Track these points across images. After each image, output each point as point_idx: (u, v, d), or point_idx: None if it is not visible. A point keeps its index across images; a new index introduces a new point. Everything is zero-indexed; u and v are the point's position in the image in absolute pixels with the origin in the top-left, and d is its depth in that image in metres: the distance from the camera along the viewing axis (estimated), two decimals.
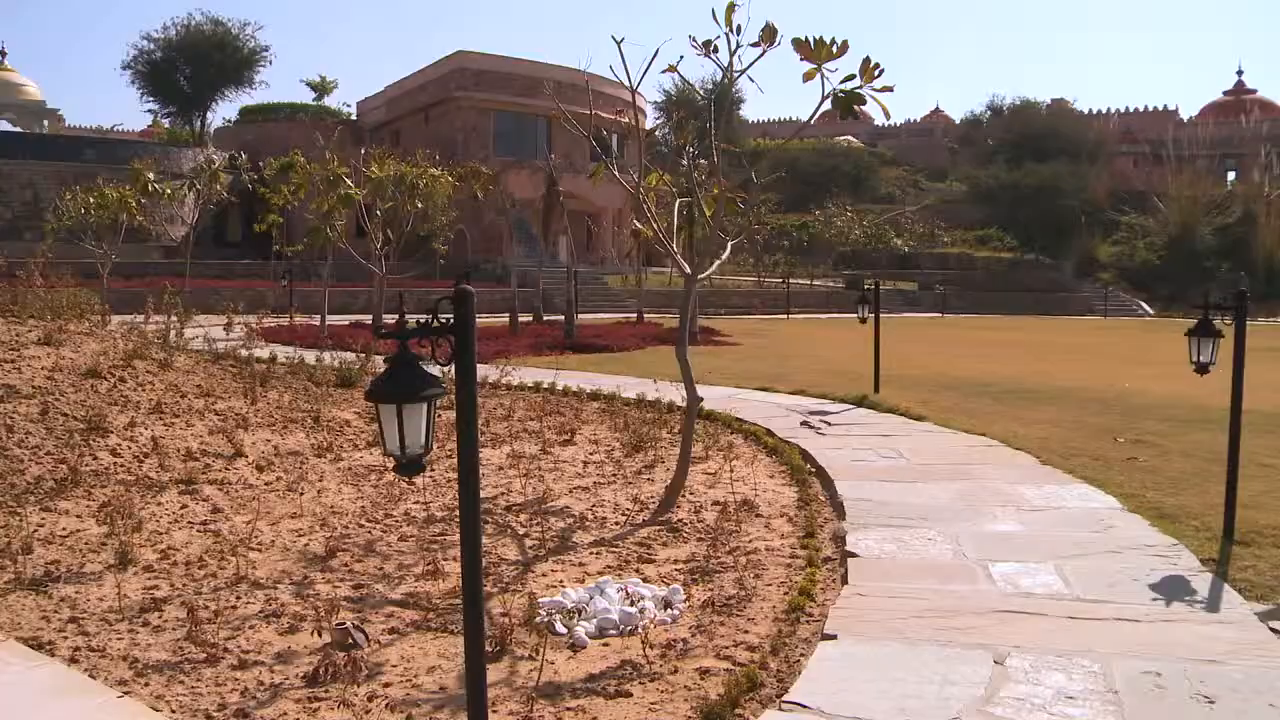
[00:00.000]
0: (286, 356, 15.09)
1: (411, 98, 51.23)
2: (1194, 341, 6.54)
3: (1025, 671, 4.36)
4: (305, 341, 18.65)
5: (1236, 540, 6.39)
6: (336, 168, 19.28)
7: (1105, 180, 67.78)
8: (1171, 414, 11.86)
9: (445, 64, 48.61)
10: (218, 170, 29.79)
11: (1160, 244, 60.00)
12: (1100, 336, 31.63)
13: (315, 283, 27.21)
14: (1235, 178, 72.90)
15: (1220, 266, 54.59)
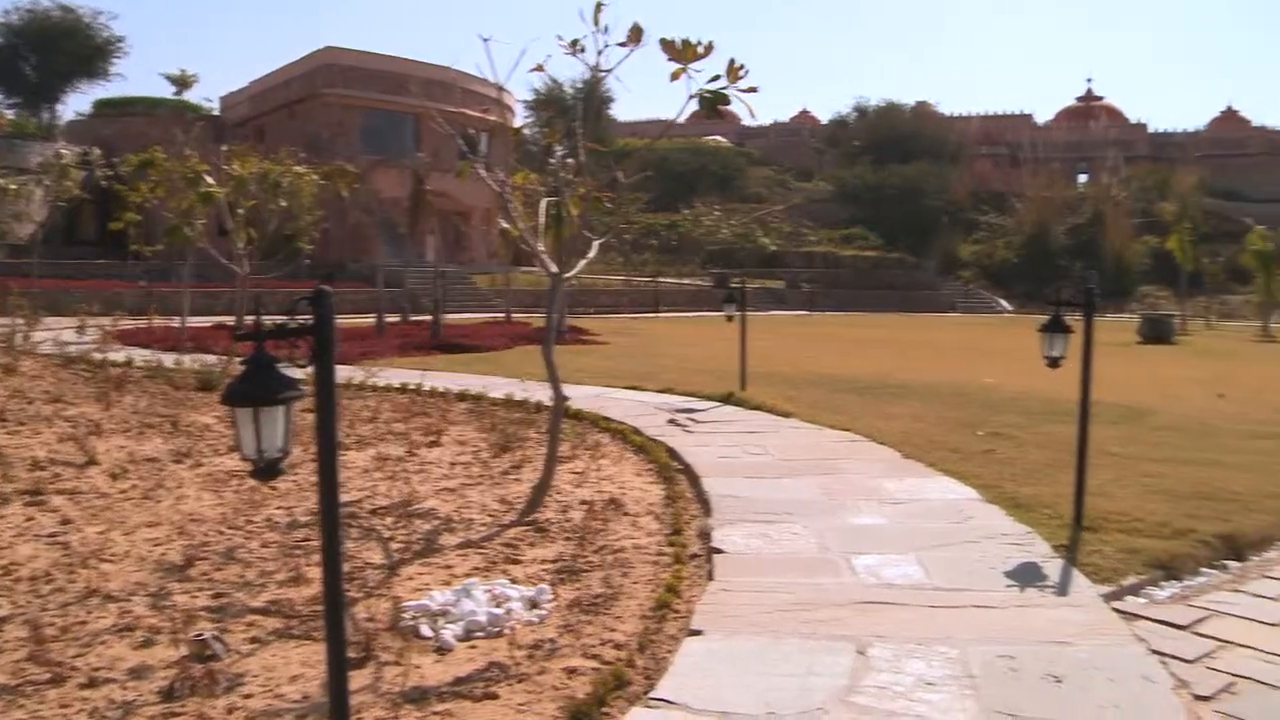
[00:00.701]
0: (144, 360, 14.65)
1: (277, 94, 50.16)
2: (1046, 337, 6.77)
3: (887, 660, 4.46)
4: (165, 344, 18.09)
5: (1085, 527, 6.64)
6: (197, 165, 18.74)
7: (966, 181, 69.80)
8: (1027, 407, 12.25)
9: (311, 60, 47.72)
10: (68, 166, 28.75)
11: (1018, 243, 61.96)
12: (961, 333, 32.53)
13: (175, 283, 26.49)
14: (1086, 180, 75.53)
15: (1073, 264, 56.55)
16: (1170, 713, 4.07)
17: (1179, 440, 10.40)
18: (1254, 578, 6.05)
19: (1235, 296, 53.33)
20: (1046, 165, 71.93)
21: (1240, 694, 4.33)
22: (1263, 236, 41.46)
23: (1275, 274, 41.23)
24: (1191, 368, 20.93)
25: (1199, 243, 46.26)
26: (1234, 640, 4.94)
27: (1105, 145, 78.81)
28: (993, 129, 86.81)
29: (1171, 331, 31.65)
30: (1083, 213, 63.48)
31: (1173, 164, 74.10)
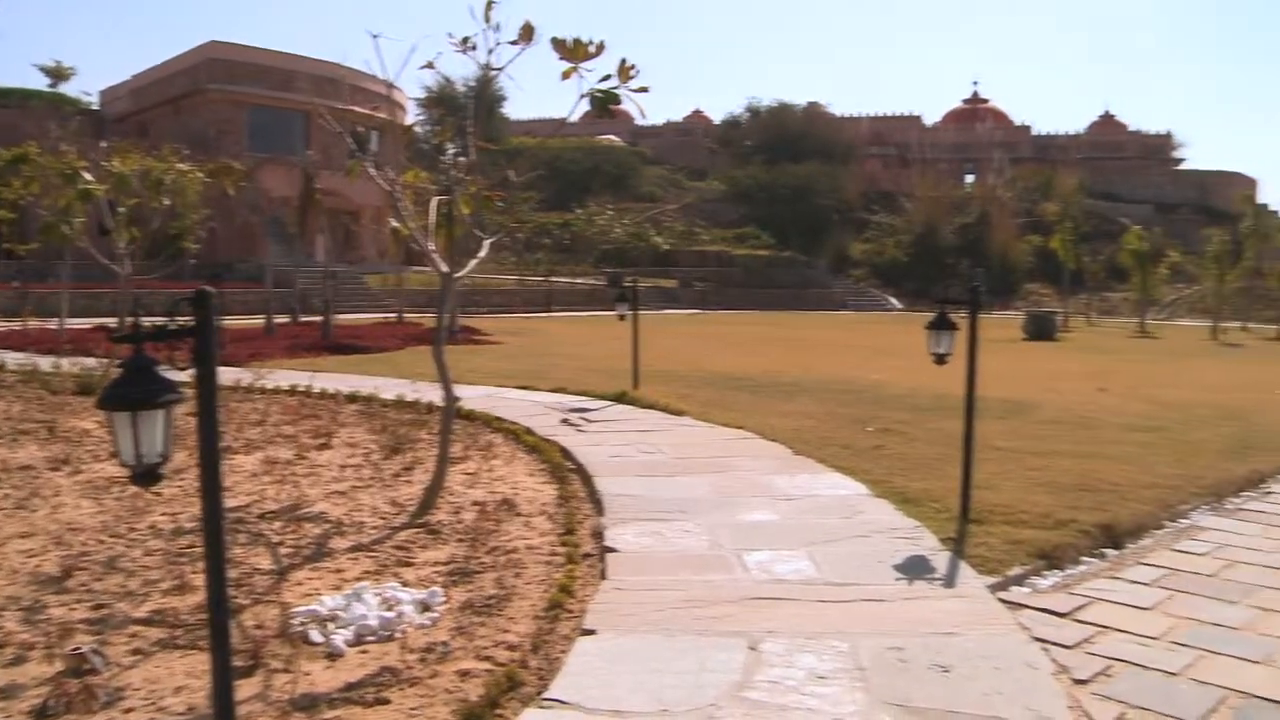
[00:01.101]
0: (18, 363, 14.21)
1: (160, 89, 48.75)
2: (932, 335, 6.90)
3: (779, 655, 4.50)
4: (41, 347, 17.56)
5: (972, 519, 6.80)
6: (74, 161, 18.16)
7: (857, 181, 70.84)
8: (916, 403, 12.49)
9: (196, 54, 46.48)
10: None
11: (907, 242, 63.01)
12: (852, 330, 33.00)
13: (53, 284, 25.70)
14: (973, 180, 77.17)
15: (961, 263, 57.71)
16: (1050, 697, 4.18)
17: (1061, 434, 10.69)
18: (1130, 565, 6.25)
19: (1114, 294, 54.97)
20: (935, 166, 73.44)
21: (1115, 676, 4.48)
22: (1139, 236, 42.79)
23: (1151, 272, 42.63)
24: (1073, 363, 21.53)
25: (1080, 242, 47.53)
26: (1111, 625, 5.10)
27: (991, 147, 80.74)
28: (883, 130, 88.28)
29: (1054, 328, 32.50)
30: (970, 212, 64.85)
31: (1055, 165, 76.04)
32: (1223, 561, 6.35)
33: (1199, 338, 35.10)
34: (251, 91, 45.32)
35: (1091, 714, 4.09)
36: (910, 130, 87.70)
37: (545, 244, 54.04)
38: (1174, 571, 6.10)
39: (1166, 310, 54.21)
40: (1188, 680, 4.46)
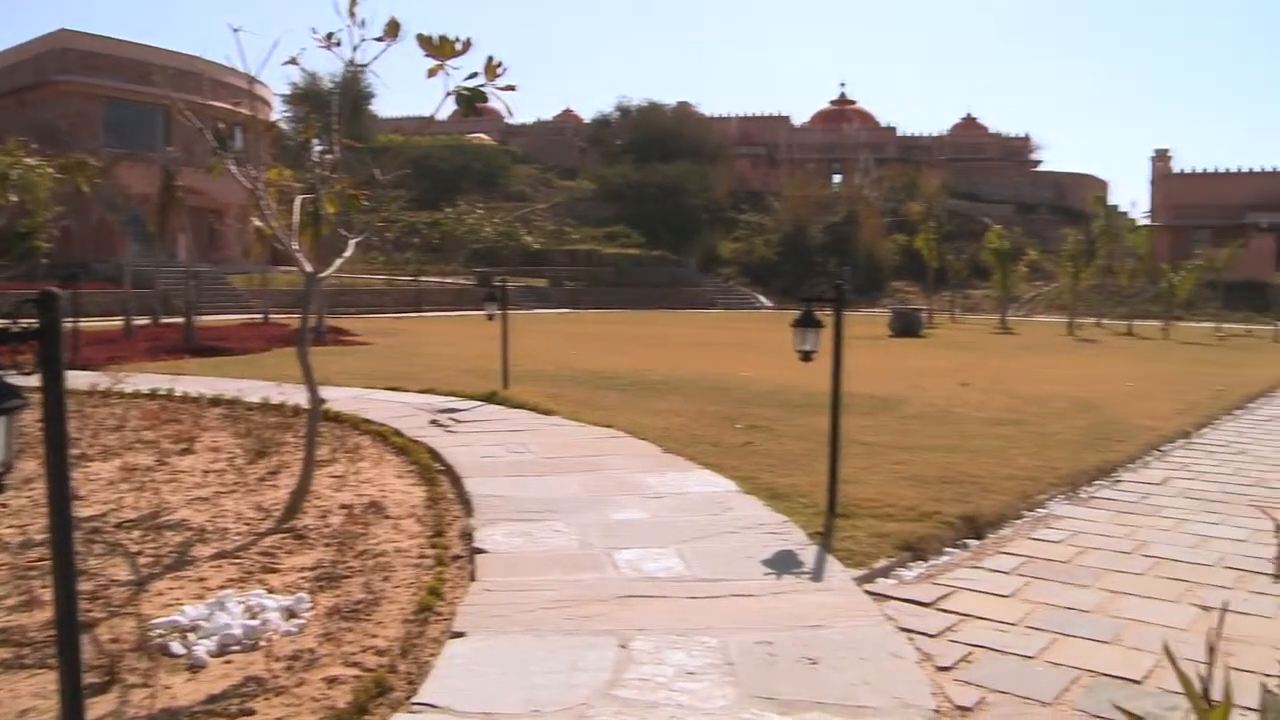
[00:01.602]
0: None
1: (3, 78, 46.69)
2: (798, 332, 7.00)
3: (649, 653, 4.51)
4: None
5: (839, 514, 6.91)
6: None
7: (726, 180, 71.44)
8: (784, 399, 12.66)
9: (44, 43, 44.44)
10: None
11: (776, 241, 63.83)
12: (722, 329, 33.31)
13: None
14: (840, 180, 78.50)
15: (829, 261, 58.69)
16: (915, 684, 4.27)
17: (926, 428, 10.95)
18: (991, 554, 6.43)
19: (977, 291, 56.47)
20: (803, 166, 74.64)
21: (976, 662, 4.61)
22: (999, 235, 44.02)
23: (1011, 270, 43.89)
24: (937, 359, 22.06)
25: (944, 241, 48.74)
26: (972, 613, 5.24)
27: (858, 147, 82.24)
28: (752, 130, 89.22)
29: (919, 325, 33.27)
30: (837, 212, 65.99)
31: (920, 166, 77.80)
32: (1077, 548, 6.58)
33: (1056, 333, 36.28)
34: (107, 84, 43.71)
35: (953, 699, 4.19)
36: (779, 130, 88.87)
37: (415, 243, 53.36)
38: (1031, 559, 6.30)
39: (1026, 307, 55.95)
40: (1044, 663, 4.61)
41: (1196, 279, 43.65)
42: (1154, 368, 21.49)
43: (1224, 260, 44.97)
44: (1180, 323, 42.47)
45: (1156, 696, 4.24)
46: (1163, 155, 71.56)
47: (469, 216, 59.02)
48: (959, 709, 4.12)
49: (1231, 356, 26.25)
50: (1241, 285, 52.22)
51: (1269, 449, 10.89)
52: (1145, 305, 48.70)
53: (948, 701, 4.18)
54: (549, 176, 78.50)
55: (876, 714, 3.99)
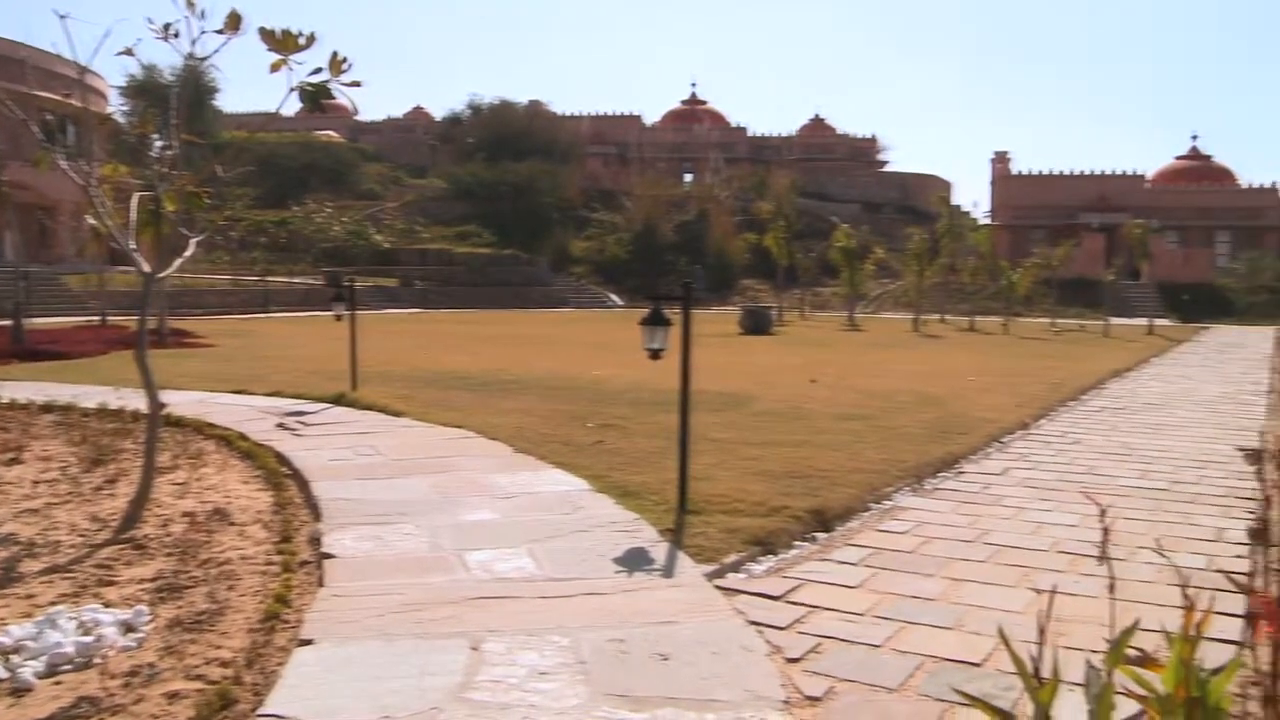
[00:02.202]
0: None
1: None
2: (647, 330, 7.03)
3: (500, 654, 4.48)
4: None
5: (690, 510, 6.97)
6: None
7: (578, 179, 71.38)
8: (636, 398, 12.72)
9: None
10: None
11: (628, 239, 63.94)
12: (574, 327, 33.31)
13: None
14: (691, 179, 79.11)
15: (680, 260, 59.11)
16: (765, 677, 4.33)
17: (775, 424, 11.11)
18: (839, 546, 6.55)
19: (826, 289, 57.50)
20: (654, 165, 74.99)
21: (825, 653, 4.69)
22: (847, 234, 44.89)
23: (858, 268, 44.81)
24: (787, 356, 22.42)
25: (793, 239, 49.45)
26: (821, 605, 5.34)
27: (708, 147, 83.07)
28: (603, 129, 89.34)
29: (770, 322, 33.76)
30: (689, 211, 66.45)
31: (769, 166, 78.77)
32: (921, 538, 6.76)
33: (902, 329, 37.20)
34: None
35: (803, 690, 4.26)
36: (630, 130, 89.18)
37: (261, 243, 52.14)
38: (878, 550, 6.44)
39: (873, 304, 57.20)
40: (890, 650, 4.72)
41: (1034, 276, 45.27)
42: (995, 362, 22.20)
43: (1059, 258, 46.68)
44: (1019, 318, 43.99)
45: (995, 678, 4.38)
46: (1002, 157, 74.01)
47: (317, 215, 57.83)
48: (808, 699, 4.18)
49: (1066, 350, 27.28)
50: (1074, 282, 54.29)
51: (1100, 438, 11.35)
52: (986, 302, 50.30)
53: (797, 692, 4.24)
54: (399, 175, 77.30)
55: (728, 707, 4.03)
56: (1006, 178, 72.46)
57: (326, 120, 77.83)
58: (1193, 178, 72.11)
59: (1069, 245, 49.56)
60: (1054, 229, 65.85)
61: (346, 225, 57.26)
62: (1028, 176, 71.98)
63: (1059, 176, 71.15)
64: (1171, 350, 28.35)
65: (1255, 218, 68.91)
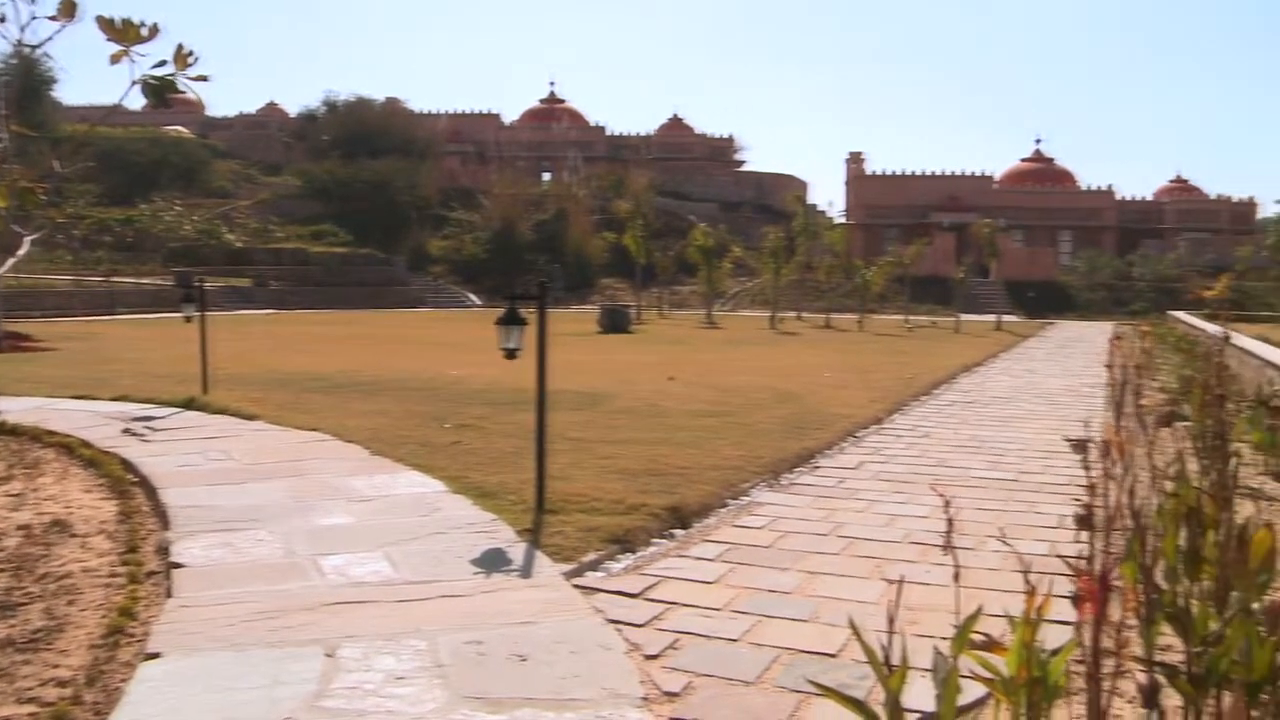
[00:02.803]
0: None
1: None
2: (502, 330, 7.00)
3: (357, 660, 4.41)
4: None
5: (548, 510, 6.95)
6: None
7: (436, 178, 70.57)
8: (494, 398, 12.64)
9: None
10: None
11: (486, 239, 63.46)
12: (431, 327, 32.97)
13: None
14: (550, 178, 78.97)
15: (539, 259, 58.94)
16: (623, 674, 4.35)
17: (633, 422, 11.15)
18: (697, 543, 6.61)
19: (684, 287, 57.93)
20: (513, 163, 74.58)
21: (683, 649, 4.72)
22: (704, 233, 45.33)
23: (716, 267, 45.29)
24: (645, 354, 22.50)
25: (652, 238, 49.68)
26: (679, 601, 5.37)
27: (567, 146, 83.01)
28: (461, 127, 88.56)
29: (628, 321, 33.86)
30: (547, 210, 66.22)
31: (628, 165, 78.94)
32: (778, 533, 6.86)
33: (759, 327, 37.68)
34: None
35: (661, 686, 4.28)
36: (488, 128, 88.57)
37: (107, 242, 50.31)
38: (735, 546, 6.52)
39: (731, 302, 57.82)
40: (747, 644, 4.78)
41: (887, 274, 46.35)
42: (850, 358, 22.65)
43: (911, 256, 47.85)
44: (874, 315, 44.95)
45: (850, 668, 4.47)
46: (856, 158, 75.57)
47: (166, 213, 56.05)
48: (666, 695, 4.20)
49: (919, 346, 27.99)
50: (927, 280, 55.71)
51: (950, 431, 11.67)
52: (842, 299, 51.25)
53: (656, 688, 4.26)
54: (252, 172, 75.35)
55: (586, 705, 4.03)
56: (861, 178, 74.02)
57: (175, 115, 75.62)
58: (1037, 179, 74.80)
59: (921, 244, 50.89)
60: (907, 228, 67.58)
61: (197, 224, 55.66)
62: (881, 177, 73.66)
63: (912, 177, 72.99)
64: (1018, 345, 29.32)
65: (1094, 218, 71.91)
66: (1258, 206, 75.73)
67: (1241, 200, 75.68)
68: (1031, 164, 77.85)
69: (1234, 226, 73.03)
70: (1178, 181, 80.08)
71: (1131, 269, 63.28)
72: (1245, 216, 74.88)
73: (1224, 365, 4.98)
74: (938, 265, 58.73)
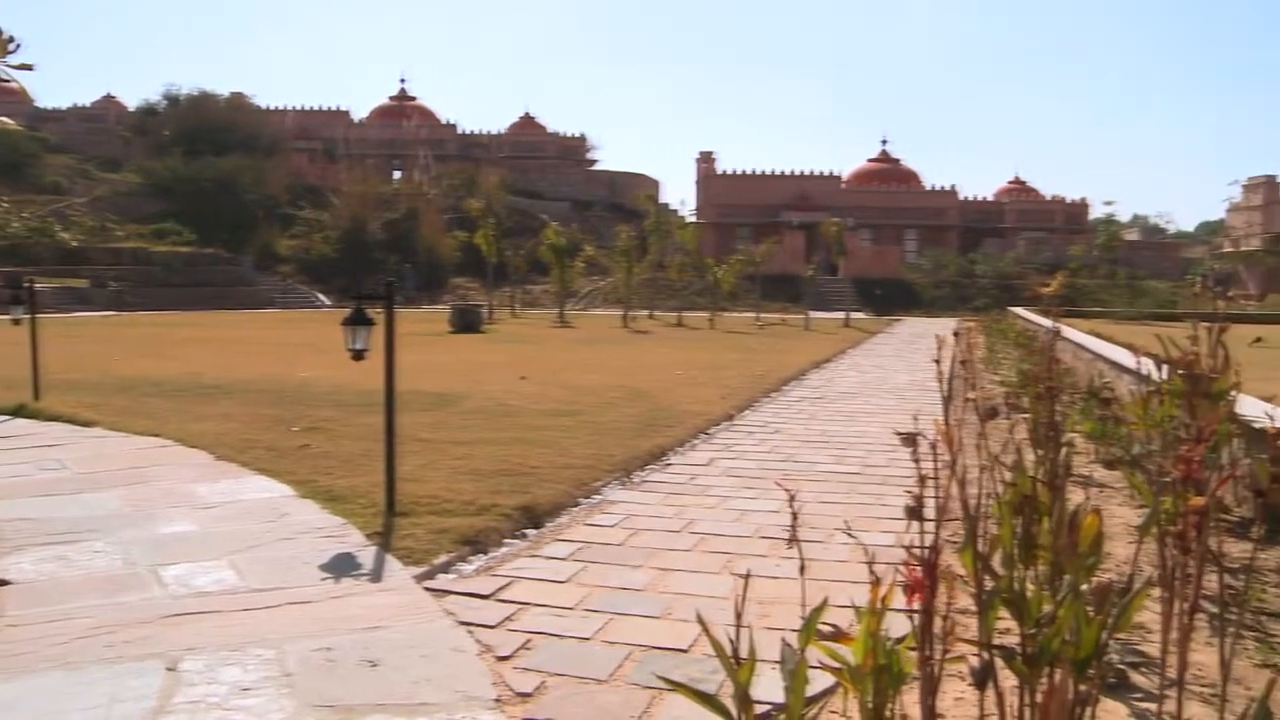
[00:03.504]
0: None
1: None
2: (349, 330, 6.89)
3: (200, 673, 4.28)
4: None
5: (398, 512, 6.87)
6: None
7: (283, 175, 69.12)
8: (343, 399, 12.43)
9: None
10: None
11: (336, 238, 62.46)
12: (280, 329, 32.27)
13: None
14: (400, 177, 78.03)
15: (389, 259, 58.22)
16: (476, 676, 4.32)
17: (485, 422, 11.08)
18: (549, 542, 6.60)
19: (537, 286, 57.91)
20: (363, 161, 73.45)
21: (535, 649, 4.71)
22: (556, 232, 45.37)
23: (568, 266, 45.35)
24: (498, 354, 22.37)
25: (504, 237, 49.49)
26: (531, 601, 5.36)
27: (418, 144, 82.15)
28: (309, 124, 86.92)
29: (480, 320, 33.65)
30: (398, 208, 65.48)
31: (479, 164, 78.62)
32: (630, 530, 6.89)
33: (612, 326, 37.82)
34: None
35: (514, 687, 4.26)
36: (338, 125, 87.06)
37: None
38: (587, 544, 6.53)
39: (584, 301, 57.97)
40: (600, 642, 4.79)
41: (738, 272, 47.05)
42: (702, 356, 22.90)
43: (762, 255, 48.61)
44: (725, 313, 45.58)
45: (702, 663, 4.51)
46: (707, 157, 76.52)
47: None
48: (519, 695, 4.19)
49: (769, 343, 28.44)
50: (777, 278, 56.70)
51: (799, 427, 11.90)
52: (694, 298, 51.83)
53: (509, 690, 4.24)
54: (88, 168, 72.58)
55: (438, 710, 3.99)
56: (712, 177, 74.95)
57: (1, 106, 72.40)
58: (884, 179, 76.82)
59: (771, 242, 51.73)
60: (758, 227, 68.73)
61: (28, 221, 53.41)
62: (732, 176, 74.70)
63: (762, 176, 74.19)
64: (866, 341, 30.05)
65: (938, 217, 74.20)
66: (1089, 207, 79.28)
67: (1075, 201, 79.14)
68: (878, 164, 79.85)
69: (1068, 226, 76.31)
70: (1016, 182, 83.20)
71: (974, 266, 65.49)
72: (1078, 217, 78.28)
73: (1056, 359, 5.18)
74: (788, 264, 59.86)
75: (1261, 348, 19.93)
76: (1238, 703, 3.86)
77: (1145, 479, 6.51)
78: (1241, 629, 4.89)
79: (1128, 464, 7.43)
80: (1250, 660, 4.56)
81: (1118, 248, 67.81)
